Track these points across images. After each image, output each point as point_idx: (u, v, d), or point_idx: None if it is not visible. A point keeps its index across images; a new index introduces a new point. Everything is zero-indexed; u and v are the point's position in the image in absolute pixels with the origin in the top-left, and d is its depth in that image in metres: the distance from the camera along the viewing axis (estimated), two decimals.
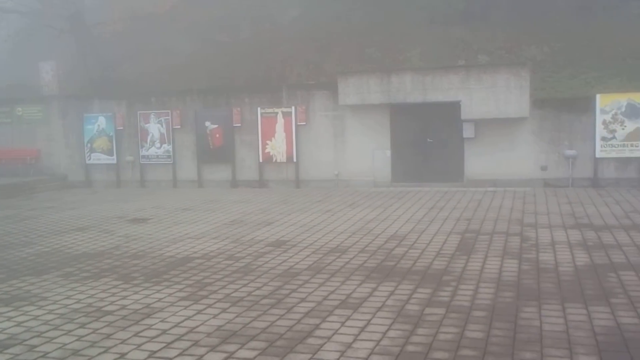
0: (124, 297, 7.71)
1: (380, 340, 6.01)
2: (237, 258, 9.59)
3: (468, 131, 16.22)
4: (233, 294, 7.70)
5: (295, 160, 17.69)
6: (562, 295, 7.18)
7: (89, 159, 19.68)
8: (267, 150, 17.94)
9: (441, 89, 15.98)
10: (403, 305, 7.07)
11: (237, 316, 6.86)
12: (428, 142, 16.74)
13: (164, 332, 6.45)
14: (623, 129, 15.37)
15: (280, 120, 17.72)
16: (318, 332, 6.28)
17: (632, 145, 15.35)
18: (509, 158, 16.12)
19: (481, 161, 16.25)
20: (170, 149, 18.84)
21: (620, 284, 7.51)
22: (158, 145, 18.98)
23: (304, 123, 17.60)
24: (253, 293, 7.73)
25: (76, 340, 6.30)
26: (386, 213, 13.04)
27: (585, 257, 8.84)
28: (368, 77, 16.42)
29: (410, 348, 5.80)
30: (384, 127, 16.95)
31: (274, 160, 17.92)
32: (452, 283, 7.84)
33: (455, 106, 15.90)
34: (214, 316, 6.88)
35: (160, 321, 6.78)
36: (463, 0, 18.97)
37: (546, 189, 15.55)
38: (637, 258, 8.67)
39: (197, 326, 6.58)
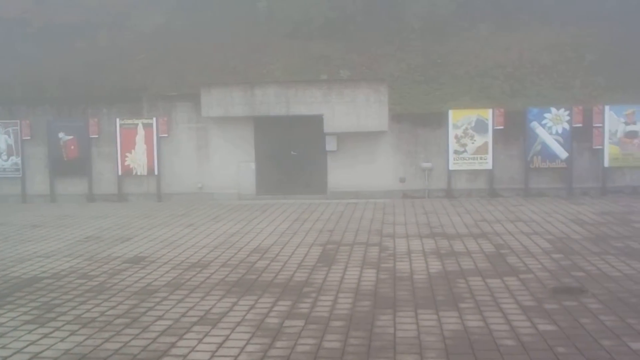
0: None
1: (238, 355, 5.91)
2: (91, 277, 9.08)
3: (331, 144, 16.56)
4: (84, 315, 7.26)
5: (157, 173, 17.15)
6: (416, 302, 7.45)
7: None
8: (127, 163, 17.25)
9: (304, 102, 16.20)
10: (263, 318, 7.01)
11: (87, 338, 6.47)
12: (292, 154, 16.88)
13: (4, 359, 5.94)
14: (473, 143, 16.35)
15: (141, 131, 17.13)
16: (174, 351, 6.06)
17: (481, 159, 16.36)
18: (370, 170, 16.62)
19: (344, 173, 16.63)
20: (19, 162, 17.59)
21: (468, 290, 7.91)
22: (5, 157, 17.66)
23: (166, 135, 17.12)
24: (106, 313, 7.34)
25: None
26: (250, 226, 12.95)
27: (438, 265, 9.26)
28: (232, 89, 16.30)
29: None
30: (248, 139, 16.90)
31: (134, 173, 17.26)
32: (312, 294, 7.90)
33: (318, 119, 16.18)
34: (62, 339, 6.44)
35: (1, 348, 6.24)
36: (322, 16, 19.40)
37: (405, 200, 16.18)
38: (484, 264, 9.20)
39: (42, 351, 6.13)
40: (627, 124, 15.98)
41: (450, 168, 16.44)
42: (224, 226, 13.00)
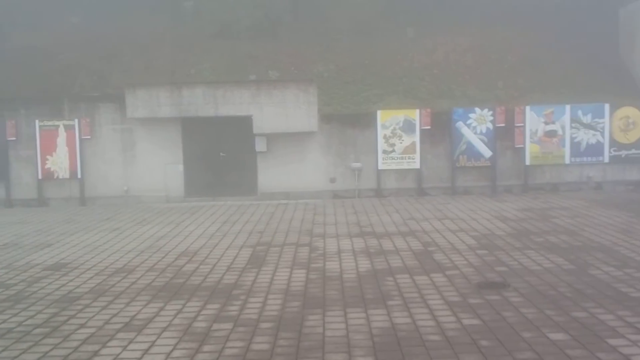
0: None
1: None
2: (8, 285, 8.67)
3: (260, 145, 16.45)
4: (0, 326, 6.92)
5: (80, 176, 16.58)
6: (345, 301, 7.48)
7: None
8: (47, 166, 16.60)
9: (233, 103, 16.03)
10: (190, 323, 6.88)
11: (3, 350, 6.17)
12: (221, 156, 16.68)
13: None
14: (401, 142, 16.60)
15: (62, 133, 16.52)
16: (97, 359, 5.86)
17: (409, 158, 16.63)
18: (300, 171, 16.62)
19: (274, 174, 16.56)
20: None
21: (396, 287, 8.01)
22: None
23: (89, 137, 16.58)
24: (24, 323, 7.02)
25: None
26: (178, 229, 12.70)
27: (367, 264, 9.33)
28: (158, 90, 15.95)
29: None
30: (176, 141, 16.58)
31: (55, 176, 16.63)
32: (241, 297, 7.81)
33: (247, 120, 16.05)
34: None
35: None
36: (250, 16, 19.27)
37: (335, 200, 16.26)
38: (412, 262, 9.34)
39: None
40: (546, 123, 16.59)
41: (380, 168, 16.63)
42: (151, 230, 12.70)
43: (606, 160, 16.61)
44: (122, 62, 18.20)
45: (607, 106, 16.54)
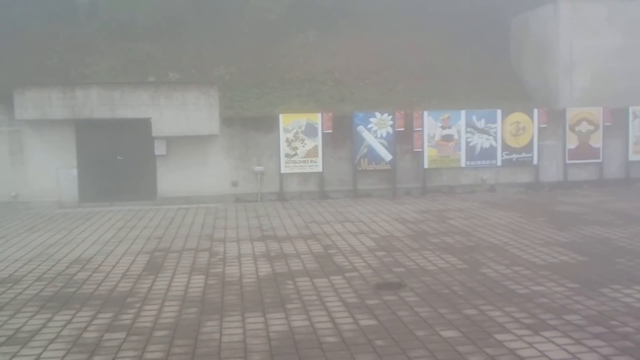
0: None
1: None
2: None
3: (160, 148, 16.02)
4: None
5: None
6: (244, 306, 7.38)
7: None
8: None
9: (131, 105, 15.53)
10: (80, 333, 6.58)
11: None
12: (118, 159, 16.11)
13: None
14: (303, 146, 16.66)
15: None
16: None
17: (311, 162, 16.72)
18: (201, 175, 16.32)
19: (174, 178, 16.17)
20: None
21: (296, 290, 8.00)
22: None
23: None
24: None
25: None
26: (71, 236, 12.14)
27: (268, 268, 9.27)
28: (50, 91, 15.20)
29: None
30: (69, 144, 15.86)
31: None
32: (136, 305, 7.55)
33: (146, 123, 15.59)
34: None
35: None
36: (149, 16, 18.76)
37: (237, 204, 16.09)
38: (313, 265, 9.37)
39: None
40: (443, 128, 17.15)
41: (282, 171, 16.62)
42: (41, 237, 12.07)
43: (499, 163, 17.38)
44: (9, 62, 17.20)
45: (499, 112, 17.31)
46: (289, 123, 16.55)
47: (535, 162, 17.48)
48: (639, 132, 17.90)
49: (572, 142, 17.67)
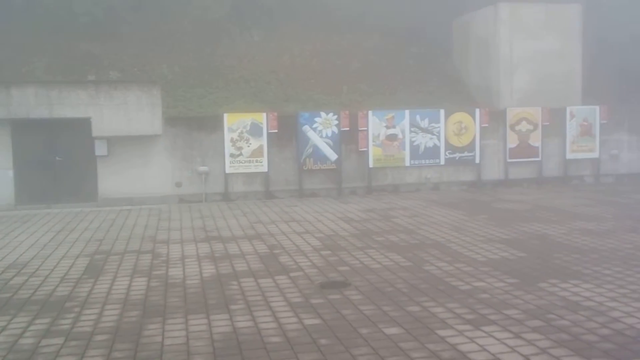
0: None
1: None
2: None
3: (101, 149, 15.64)
4: None
5: None
6: (187, 308, 7.27)
7: None
8: None
9: (70, 104, 15.11)
10: (16, 340, 6.35)
11: None
12: (57, 160, 15.64)
13: None
14: (249, 146, 16.55)
15: None
16: None
17: (257, 161, 16.62)
18: (144, 175, 16.01)
19: (116, 179, 15.81)
20: None
21: (240, 291, 7.93)
22: None
23: None
24: None
25: None
26: (6, 240, 11.71)
27: (212, 269, 9.16)
28: None
29: None
30: (5, 144, 15.29)
31: None
32: (75, 309, 7.35)
33: (85, 123, 15.19)
34: None
35: None
36: (89, 13, 18.29)
37: (181, 205, 15.86)
38: (257, 265, 9.30)
39: None
40: (387, 127, 17.32)
41: (227, 171, 16.47)
42: None
43: (442, 162, 17.68)
44: None
45: (442, 112, 17.60)
46: (234, 123, 16.41)
47: (477, 160, 17.85)
48: (575, 131, 18.50)
49: (512, 141, 18.12)
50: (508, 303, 7.14)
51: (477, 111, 17.81)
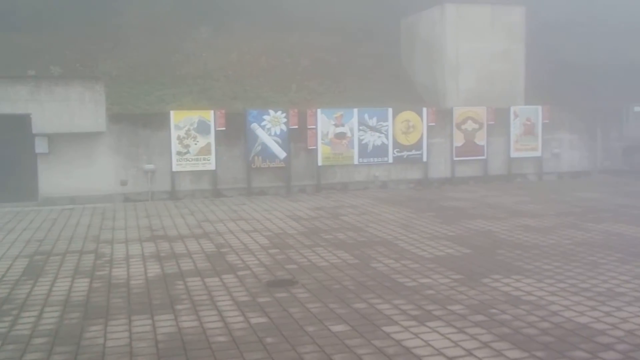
0: None
1: None
2: None
3: (41, 146, 15.16)
4: None
5: None
6: (131, 309, 7.12)
7: None
8: None
9: (8, 100, 14.61)
10: None
11: None
12: None
13: None
14: (196, 144, 16.33)
15: None
16: None
17: (204, 159, 16.42)
18: (88, 174, 15.60)
19: (58, 177, 15.36)
20: None
21: (186, 291, 7.80)
22: None
23: None
24: None
25: None
26: None
27: (157, 268, 8.99)
28: None
29: None
30: None
31: None
32: (13, 312, 7.10)
33: (25, 119, 14.71)
34: None
35: None
36: (30, 6, 17.72)
37: (126, 204, 15.53)
38: (204, 264, 9.18)
39: None
40: (336, 125, 17.36)
41: (174, 169, 16.21)
42: None
43: (390, 160, 17.83)
44: None
45: (390, 110, 17.74)
46: (181, 120, 16.17)
47: (424, 159, 18.07)
48: (519, 130, 18.94)
49: (458, 140, 18.42)
50: (452, 299, 7.24)
51: (424, 110, 18.03)
